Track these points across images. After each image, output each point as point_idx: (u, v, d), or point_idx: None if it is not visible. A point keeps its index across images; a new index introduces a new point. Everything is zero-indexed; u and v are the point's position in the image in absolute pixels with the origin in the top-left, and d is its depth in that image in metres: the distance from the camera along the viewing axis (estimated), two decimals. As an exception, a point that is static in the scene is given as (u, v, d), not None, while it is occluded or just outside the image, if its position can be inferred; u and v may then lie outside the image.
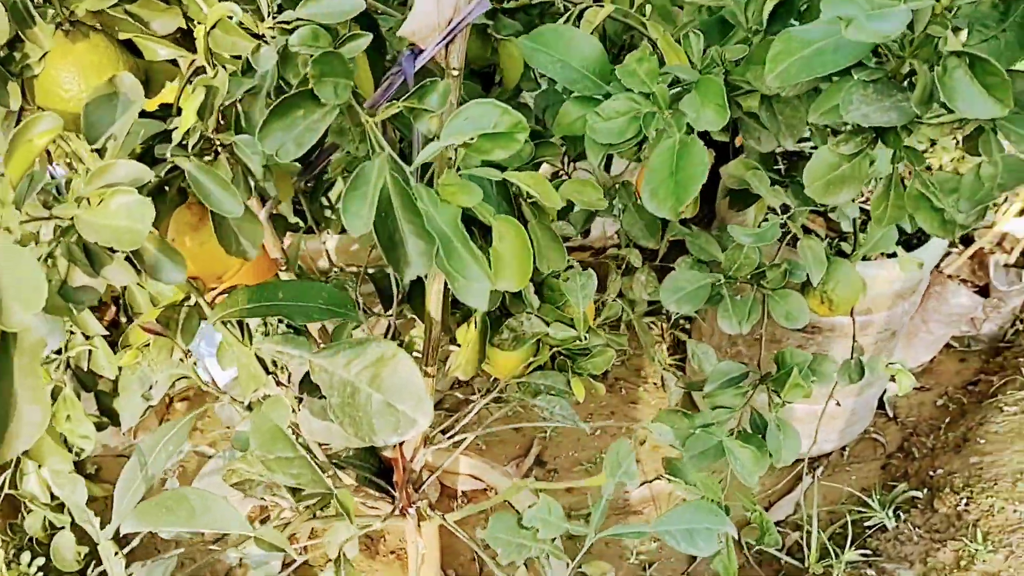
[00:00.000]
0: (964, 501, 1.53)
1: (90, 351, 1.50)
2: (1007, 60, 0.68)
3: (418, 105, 0.71)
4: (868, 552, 1.54)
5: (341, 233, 1.58)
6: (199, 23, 0.74)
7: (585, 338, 1.05)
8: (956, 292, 1.81)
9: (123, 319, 1.73)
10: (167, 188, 0.76)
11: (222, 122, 0.75)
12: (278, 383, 0.87)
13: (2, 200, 0.61)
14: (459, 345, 1.10)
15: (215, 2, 0.72)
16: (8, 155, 0.59)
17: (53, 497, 1.57)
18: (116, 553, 0.78)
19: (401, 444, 1.09)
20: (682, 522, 0.95)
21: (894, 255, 1.44)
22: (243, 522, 0.76)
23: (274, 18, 0.71)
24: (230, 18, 0.72)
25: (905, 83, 0.71)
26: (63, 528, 1.53)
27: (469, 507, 1.04)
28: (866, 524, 1.61)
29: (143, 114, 0.76)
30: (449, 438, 1.15)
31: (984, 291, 1.84)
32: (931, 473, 1.64)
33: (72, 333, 1.51)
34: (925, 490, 1.61)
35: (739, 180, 1.18)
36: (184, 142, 0.69)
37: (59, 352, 1.49)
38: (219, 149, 0.74)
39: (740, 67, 0.87)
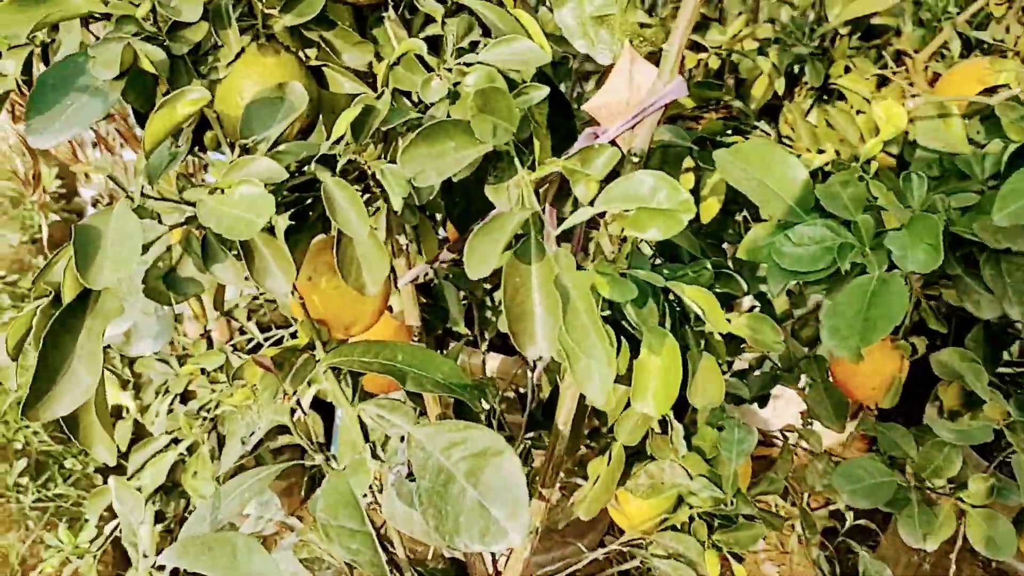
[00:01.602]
0: None
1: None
2: None
3: (579, 168, 0.65)
4: None
5: (505, 353, 1.52)
6: (383, 59, 0.73)
7: (732, 503, 0.90)
8: None
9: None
10: (310, 214, 0.73)
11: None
12: (375, 455, 0.79)
13: (136, 168, 0.60)
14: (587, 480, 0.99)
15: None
16: (149, 121, 0.58)
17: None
18: (152, 585, 0.71)
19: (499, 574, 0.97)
20: None
21: None
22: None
23: (455, 59, 0.68)
24: (418, 57, 0.70)
25: None
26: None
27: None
28: None
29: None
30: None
31: None
32: None
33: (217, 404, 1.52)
34: None
35: (950, 372, 1.01)
36: (334, 159, 0.66)
37: (207, 409, 1.51)
38: (370, 183, 0.71)
39: (966, 216, 0.75)
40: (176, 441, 1.46)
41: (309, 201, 0.75)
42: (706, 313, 0.76)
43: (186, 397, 1.60)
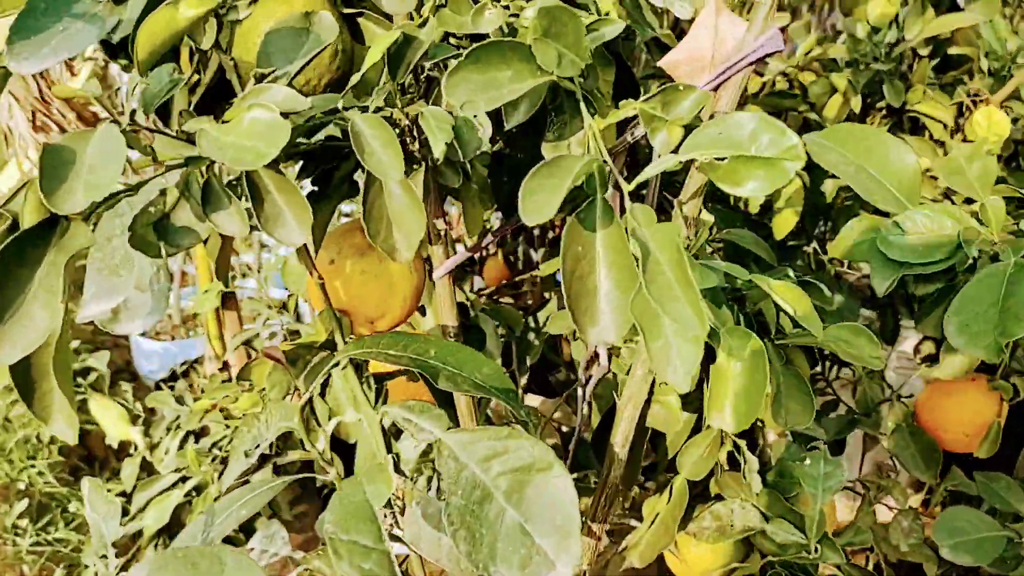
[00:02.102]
0: None
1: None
2: None
3: (659, 112, 0.54)
4: None
5: (544, 394, 1.40)
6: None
7: (816, 550, 0.76)
8: None
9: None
10: (335, 175, 0.63)
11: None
12: (398, 470, 0.67)
13: (129, 90, 0.50)
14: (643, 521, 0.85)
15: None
16: (145, 23, 0.48)
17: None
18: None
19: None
20: None
21: None
22: (283, 616, 0.54)
23: (513, -9, 0.59)
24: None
25: None
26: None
27: None
28: None
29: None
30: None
31: None
32: None
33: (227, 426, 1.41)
34: None
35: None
36: (363, 104, 0.56)
37: (219, 447, 1.39)
38: (407, 141, 0.60)
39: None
40: (184, 480, 1.34)
41: (334, 165, 0.64)
42: (797, 313, 0.64)
43: (200, 438, 1.49)
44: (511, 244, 1.78)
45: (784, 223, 0.94)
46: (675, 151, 0.52)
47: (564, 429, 1.24)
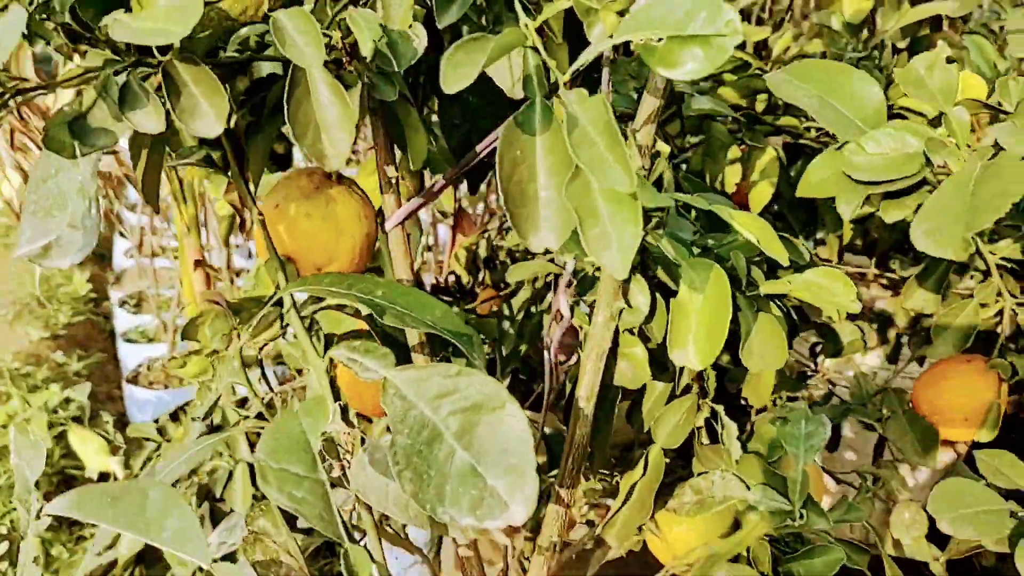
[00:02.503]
0: None
1: (229, 477, 1.35)
2: None
3: (593, 3, 0.52)
4: None
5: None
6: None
7: (802, 516, 0.71)
8: None
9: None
10: (267, 103, 0.61)
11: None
12: (345, 418, 0.63)
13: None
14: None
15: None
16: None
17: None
18: (36, 558, 0.55)
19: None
20: None
21: None
22: (202, 546, 0.50)
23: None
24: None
25: None
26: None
27: None
28: None
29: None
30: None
31: None
32: None
33: (221, 454, 1.37)
34: None
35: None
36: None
37: (194, 473, 1.34)
38: (344, 61, 0.58)
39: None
40: (160, 504, 1.29)
41: (267, 92, 0.63)
42: (760, 242, 0.61)
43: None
44: (500, 272, 1.75)
45: (760, 196, 0.91)
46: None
47: (547, 430, 1.20)
